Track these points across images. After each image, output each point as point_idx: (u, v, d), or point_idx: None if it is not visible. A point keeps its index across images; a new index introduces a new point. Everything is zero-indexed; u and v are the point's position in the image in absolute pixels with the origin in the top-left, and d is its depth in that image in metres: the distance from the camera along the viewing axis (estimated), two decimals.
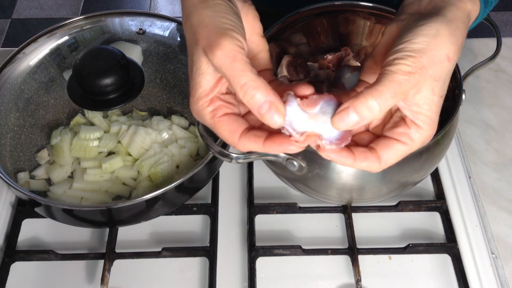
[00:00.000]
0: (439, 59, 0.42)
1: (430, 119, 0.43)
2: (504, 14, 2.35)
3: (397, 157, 0.44)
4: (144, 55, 0.74)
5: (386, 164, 0.44)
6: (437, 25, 0.43)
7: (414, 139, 0.44)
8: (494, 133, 0.78)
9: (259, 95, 0.41)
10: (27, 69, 0.71)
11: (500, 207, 0.70)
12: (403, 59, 0.41)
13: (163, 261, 0.65)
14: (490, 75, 0.85)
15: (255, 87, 0.41)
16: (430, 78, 0.42)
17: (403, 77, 0.40)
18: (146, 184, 0.66)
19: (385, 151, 0.44)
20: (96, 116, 0.70)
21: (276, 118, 0.41)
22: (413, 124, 0.44)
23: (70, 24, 0.75)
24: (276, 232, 0.68)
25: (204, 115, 0.44)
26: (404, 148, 0.44)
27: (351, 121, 0.41)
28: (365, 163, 0.43)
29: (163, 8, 2.46)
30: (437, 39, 0.42)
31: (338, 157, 0.43)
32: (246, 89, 0.41)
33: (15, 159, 0.67)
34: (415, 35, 0.42)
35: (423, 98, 0.43)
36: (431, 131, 0.44)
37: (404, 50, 0.42)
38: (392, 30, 0.46)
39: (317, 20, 0.71)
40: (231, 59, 0.41)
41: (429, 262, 0.65)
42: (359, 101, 0.40)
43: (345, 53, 0.68)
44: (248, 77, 0.41)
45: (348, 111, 0.40)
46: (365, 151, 0.44)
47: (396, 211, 0.69)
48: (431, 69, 0.42)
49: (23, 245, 0.67)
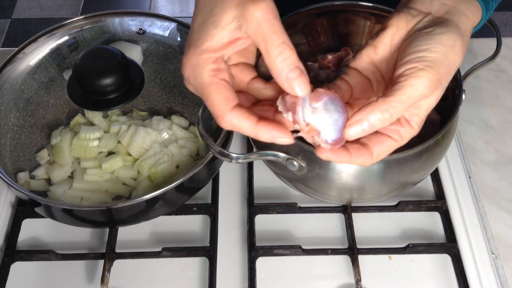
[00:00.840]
0: (451, 71, 0.43)
1: (422, 121, 0.44)
2: (504, 14, 2.35)
3: (387, 152, 0.45)
4: (144, 55, 0.74)
5: (377, 159, 0.45)
6: (454, 36, 0.43)
7: (404, 137, 0.44)
8: (494, 133, 0.78)
9: (293, 58, 0.40)
10: (27, 69, 0.71)
11: (500, 207, 0.70)
12: (426, 71, 0.41)
13: (163, 261, 0.65)
14: (490, 75, 0.85)
15: (292, 49, 0.40)
16: (441, 88, 0.43)
17: (422, 90, 0.41)
18: (146, 184, 0.66)
19: (377, 147, 0.44)
20: (96, 116, 0.70)
21: (304, 87, 0.40)
22: (407, 123, 0.44)
23: (70, 24, 0.75)
24: (276, 232, 0.68)
25: (203, 70, 0.41)
26: (394, 144, 0.44)
27: (364, 131, 0.41)
28: (360, 159, 0.44)
29: (163, 8, 2.46)
30: (454, 50, 0.42)
31: (336, 157, 0.43)
32: (283, 48, 0.40)
33: (15, 159, 0.67)
34: (434, 43, 0.42)
35: (426, 105, 0.44)
36: (418, 131, 0.45)
37: (425, 60, 0.41)
38: (401, 24, 0.46)
39: (317, 20, 0.71)
40: (273, 16, 0.40)
41: (429, 262, 0.65)
42: (373, 113, 0.40)
43: (345, 53, 0.68)
44: (287, 37, 0.40)
45: (362, 123, 0.41)
46: (360, 147, 0.44)
47: (396, 211, 0.69)
48: (445, 81, 0.43)
49: (23, 245, 0.67)
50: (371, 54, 0.47)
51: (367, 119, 0.41)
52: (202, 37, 0.41)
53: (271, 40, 0.39)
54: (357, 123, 0.41)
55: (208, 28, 0.41)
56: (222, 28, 0.41)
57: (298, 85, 0.40)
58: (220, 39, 0.41)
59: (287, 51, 0.40)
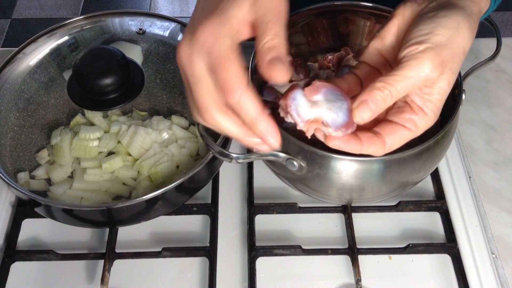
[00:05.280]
0: (457, 53, 0.42)
1: (437, 108, 0.44)
2: (504, 14, 2.35)
3: (401, 142, 0.44)
4: (144, 55, 0.74)
5: (390, 149, 0.44)
6: (459, 18, 0.42)
7: (419, 126, 0.44)
8: (494, 133, 0.78)
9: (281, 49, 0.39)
10: (27, 69, 0.71)
11: (500, 207, 0.70)
12: (426, 52, 0.41)
13: (163, 261, 0.65)
14: (490, 75, 0.85)
15: (281, 43, 0.39)
16: (448, 71, 0.42)
17: (425, 71, 0.41)
18: (146, 184, 0.66)
19: (390, 136, 0.43)
20: (96, 116, 0.70)
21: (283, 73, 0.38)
22: (421, 111, 0.43)
23: (70, 24, 0.75)
24: (276, 232, 0.68)
25: (225, 40, 0.39)
26: (408, 134, 0.44)
27: (371, 110, 0.41)
28: (372, 148, 0.43)
29: (163, 8, 2.46)
30: (458, 32, 0.42)
31: (346, 145, 0.43)
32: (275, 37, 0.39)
33: (15, 159, 0.67)
34: (437, 26, 0.42)
35: (438, 89, 0.43)
36: (435, 119, 0.44)
37: (426, 42, 0.41)
38: (406, 13, 0.46)
39: (317, 20, 0.71)
40: (283, 6, 0.40)
41: (429, 262, 0.65)
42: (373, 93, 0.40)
43: (345, 53, 0.68)
44: (283, 32, 0.40)
45: (368, 103, 0.41)
46: (372, 136, 0.43)
47: (396, 211, 0.69)
48: (450, 63, 0.42)
49: (23, 245, 0.67)
50: (378, 45, 0.47)
51: (371, 98, 0.40)
52: (224, 6, 0.40)
53: (270, 24, 0.39)
54: (363, 103, 0.41)
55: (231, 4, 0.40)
56: (242, 2, 0.40)
57: (276, 71, 0.38)
58: (239, 13, 0.40)
59: (276, 40, 0.39)
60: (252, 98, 0.39)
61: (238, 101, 0.39)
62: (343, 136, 0.42)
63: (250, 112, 0.39)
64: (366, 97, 0.41)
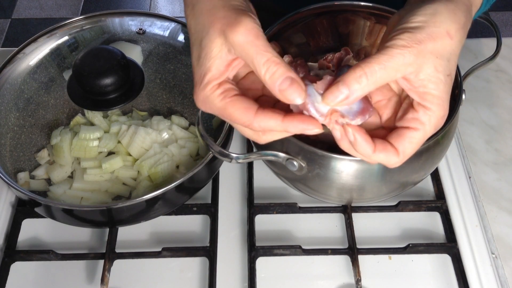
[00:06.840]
0: (438, 35, 0.41)
1: (439, 98, 0.42)
2: (504, 14, 2.35)
3: (413, 145, 0.43)
4: (144, 55, 0.74)
5: (405, 156, 0.43)
6: (435, 5, 0.42)
7: (425, 122, 0.42)
8: (494, 133, 0.78)
9: (281, 70, 0.40)
10: (27, 69, 0.71)
11: (500, 207, 0.70)
12: (398, 35, 0.41)
13: (163, 261, 0.65)
14: (490, 75, 0.85)
15: (278, 63, 0.41)
16: (430, 54, 0.41)
17: (397, 50, 0.40)
18: (146, 184, 0.66)
19: (400, 142, 0.43)
20: (96, 116, 0.70)
21: (298, 94, 0.41)
22: (421, 106, 0.42)
23: (70, 24, 0.75)
24: (276, 232, 0.68)
25: (214, 99, 0.43)
26: (417, 134, 0.43)
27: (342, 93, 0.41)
28: (382, 154, 0.42)
29: (163, 8, 2.46)
30: (435, 17, 0.42)
31: (361, 140, 0.42)
32: (269, 65, 0.40)
33: (15, 159, 0.67)
34: (413, 15, 0.42)
35: (427, 77, 0.42)
36: (442, 112, 0.43)
37: (401, 29, 0.42)
38: (394, 19, 0.46)
39: (317, 20, 0.71)
40: (254, 36, 0.41)
41: (429, 262, 0.65)
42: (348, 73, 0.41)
43: (345, 53, 0.68)
44: (271, 53, 0.41)
45: (338, 85, 0.41)
46: (385, 142, 0.43)
47: (396, 211, 0.69)
48: (430, 45, 0.41)
49: (23, 245, 0.67)
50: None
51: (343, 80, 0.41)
52: (201, 72, 0.43)
53: (256, 60, 0.41)
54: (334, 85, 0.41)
55: (203, 62, 0.43)
56: (215, 58, 0.42)
57: (291, 94, 0.41)
58: (217, 68, 0.43)
59: (272, 67, 0.41)
60: (266, 117, 0.42)
61: (259, 124, 0.42)
62: (361, 123, 0.42)
63: (275, 127, 0.42)
64: (339, 79, 0.41)
